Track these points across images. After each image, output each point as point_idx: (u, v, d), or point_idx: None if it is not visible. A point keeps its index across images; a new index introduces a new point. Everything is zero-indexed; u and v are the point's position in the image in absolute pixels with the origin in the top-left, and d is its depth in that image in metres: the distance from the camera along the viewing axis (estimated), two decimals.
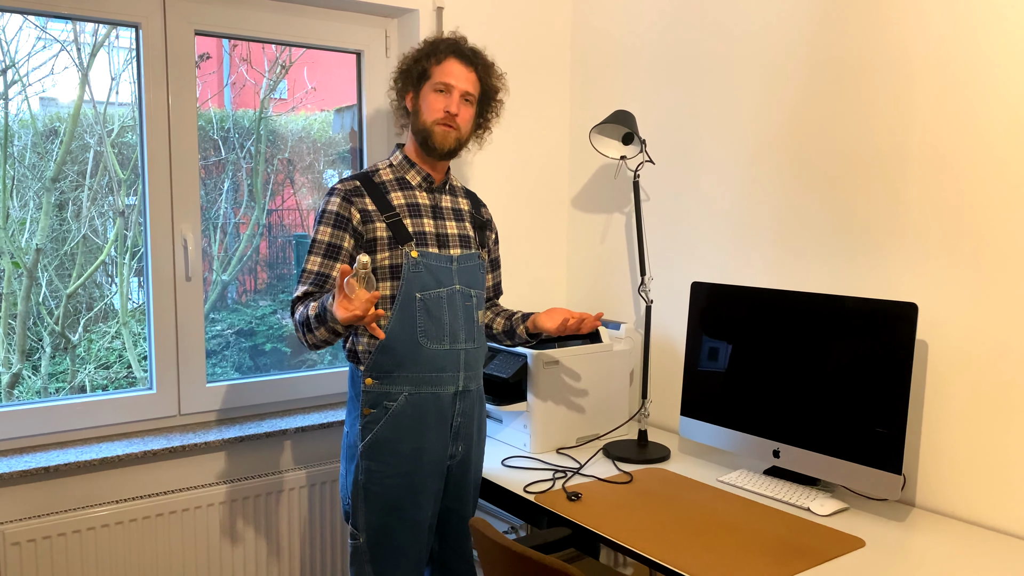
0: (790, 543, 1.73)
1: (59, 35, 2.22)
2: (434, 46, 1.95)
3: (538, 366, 2.31)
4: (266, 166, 2.63)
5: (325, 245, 1.87)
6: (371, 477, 1.87)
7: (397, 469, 1.87)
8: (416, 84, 1.95)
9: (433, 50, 1.94)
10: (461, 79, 1.92)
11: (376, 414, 1.87)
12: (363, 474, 1.87)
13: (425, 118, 1.92)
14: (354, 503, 1.89)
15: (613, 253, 2.80)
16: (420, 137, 1.93)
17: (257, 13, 2.41)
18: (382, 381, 1.87)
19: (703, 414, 2.25)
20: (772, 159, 2.28)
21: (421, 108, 1.93)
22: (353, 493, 1.89)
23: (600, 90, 2.80)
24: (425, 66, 1.93)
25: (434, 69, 1.92)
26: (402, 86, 1.98)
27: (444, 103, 1.91)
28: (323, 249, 1.87)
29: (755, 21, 2.29)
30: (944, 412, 1.94)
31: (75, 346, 2.40)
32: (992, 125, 1.82)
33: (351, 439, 1.91)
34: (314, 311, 1.76)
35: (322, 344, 1.80)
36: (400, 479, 1.87)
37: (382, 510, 1.87)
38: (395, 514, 1.88)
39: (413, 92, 1.96)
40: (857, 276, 2.10)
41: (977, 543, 1.77)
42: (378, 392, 1.87)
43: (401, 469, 1.87)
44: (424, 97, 1.93)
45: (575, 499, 1.98)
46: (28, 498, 2.08)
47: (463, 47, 1.96)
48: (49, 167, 2.28)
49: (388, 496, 1.87)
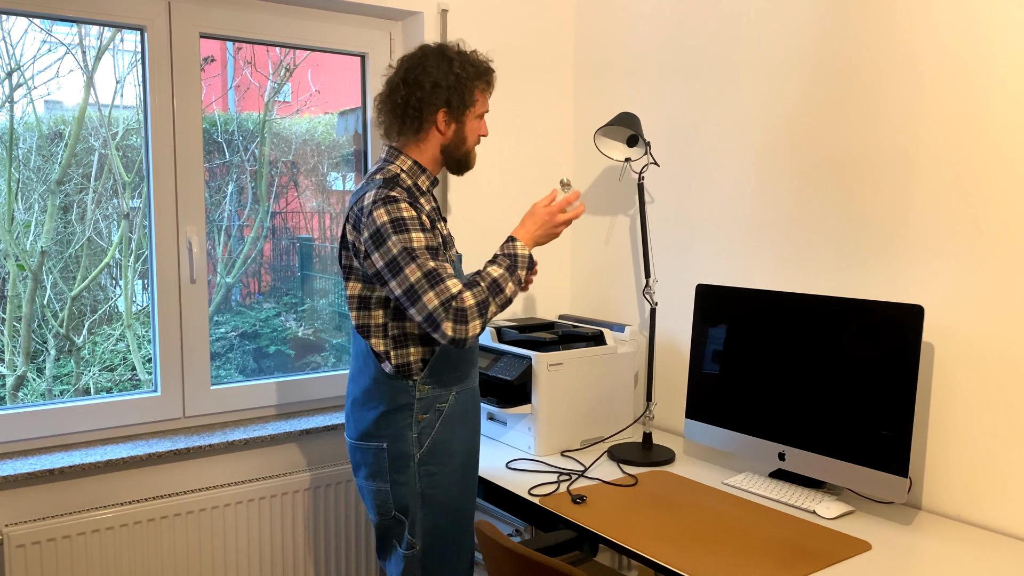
0: (796, 546, 1.73)
1: (64, 38, 2.23)
2: (484, 72, 1.92)
3: (542, 368, 2.31)
4: (270, 169, 2.63)
5: (426, 249, 1.74)
6: (431, 481, 1.87)
7: (453, 468, 1.89)
8: (458, 105, 1.88)
9: (482, 76, 1.91)
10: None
11: (430, 418, 1.87)
12: (422, 480, 1.86)
13: (470, 144, 1.94)
14: (412, 512, 1.87)
15: (617, 255, 2.80)
16: (455, 156, 1.93)
17: (261, 16, 2.41)
18: (434, 387, 1.87)
19: (708, 417, 2.25)
20: (778, 161, 2.27)
21: (464, 133, 1.91)
22: (411, 503, 1.87)
23: (604, 92, 2.80)
24: (472, 90, 1.89)
25: (480, 95, 1.92)
26: (431, 98, 1.86)
27: (482, 128, 1.96)
28: (428, 253, 1.74)
29: (761, 23, 2.29)
30: (950, 415, 1.93)
31: (79, 348, 2.40)
32: (999, 127, 1.81)
33: (397, 451, 1.86)
34: (495, 273, 1.78)
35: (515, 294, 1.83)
36: (457, 477, 1.90)
37: (442, 512, 1.88)
38: (454, 514, 1.90)
39: (450, 112, 1.88)
40: (863, 278, 2.09)
41: (984, 546, 1.76)
42: (430, 397, 1.87)
43: (456, 467, 1.90)
44: (469, 122, 1.91)
45: (580, 502, 1.98)
46: (33, 500, 2.09)
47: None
48: (54, 170, 2.28)
49: (448, 497, 1.89)
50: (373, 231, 1.74)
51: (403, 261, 1.71)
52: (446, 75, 1.86)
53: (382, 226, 1.73)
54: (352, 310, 1.87)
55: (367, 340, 1.86)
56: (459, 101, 1.87)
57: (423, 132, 1.88)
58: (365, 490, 1.93)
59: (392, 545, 1.93)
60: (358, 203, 1.80)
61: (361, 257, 1.79)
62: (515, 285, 1.82)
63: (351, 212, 1.82)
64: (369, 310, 1.84)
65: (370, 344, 1.85)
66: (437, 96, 1.85)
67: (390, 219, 1.73)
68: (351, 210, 1.82)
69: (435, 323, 1.71)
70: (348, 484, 2.49)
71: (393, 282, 1.73)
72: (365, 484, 1.92)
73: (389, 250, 1.72)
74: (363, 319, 1.85)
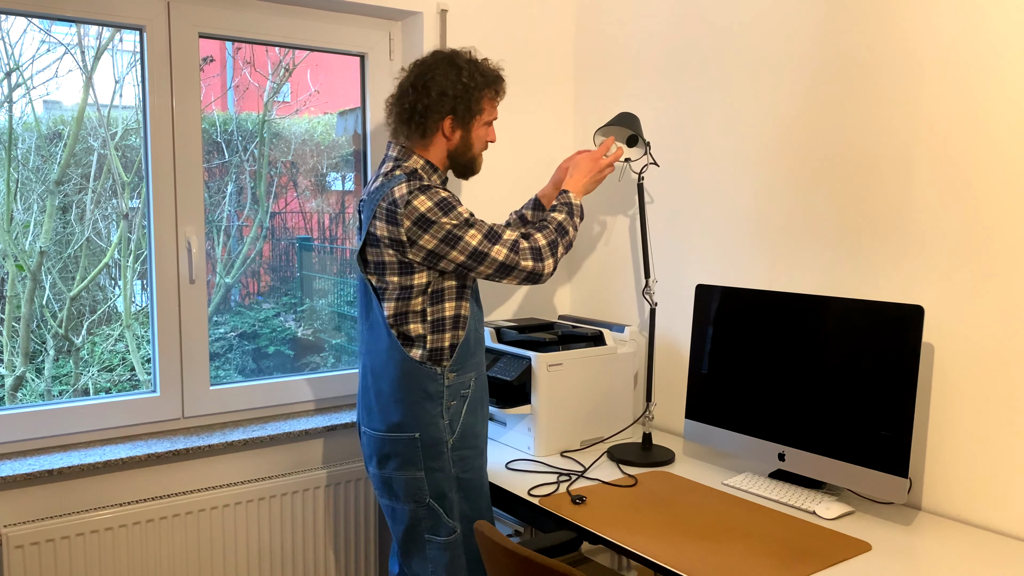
0: (795, 547, 1.73)
1: (63, 38, 2.23)
2: (493, 81, 1.98)
3: (542, 369, 2.31)
4: (269, 169, 2.63)
5: (472, 215, 1.89)
6: (464, 465, 1.97)
7: (480, 450, 2.01)
8: (464, 113, 1.94)
9: (493, 85, 1.98)
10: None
11: (457, 405, 1.96)
12: (456, 465, 1.95)
13: (476, 150, 2.01)
14: (449, 498, 1.94)
15: (617, 255, 2.79)
16: (461, 162, 2.00)
17: (261, 16, 2.41)
18: (459, 373, 1.96)
19: (708, 417, 2.25)
20: (778, 161, 2.27)
21: (470, 139, 1.98)
22: (447, 488, 1.94)
23: (604, 92, 2.80)
24: (480, 99, 1.96)
25: (487, 104, 1.99)
26: (436, 106, 1.92)
27: (490, 135, 2.03)
28: (475, 217, 1.90)
29: (762, 24, 2.29)
30: (951, 415, 1.93)
31: (78, 349, 2.40)
32: (1000, 127, 1.81)
33: (431, 439, 1.92)
34: (559, 218, 1.99)
35: (575, 239, 2.05)
36: (484, 459, 2.04)
37: (476, 494, 1.99)
38: (484, 496, 2.02)
39: (456, 119, 1.94)
40: (863, 278, 2.09)
41: (984, 547, 1.76)
42: (456, 384, 1.95)
43: (481, 449, 2.02)
44: (475, 130, 1.99)
45: (579, 502, 1.98)
46: (32, 501, 2.08)
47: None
48: (53, 170, 2.28)
49: (479, 478, 2.01)
50: (417, 217, 1.83)
51: (460, 231, 1.85)
52: (453, 84, 1.93)
53: (427, 211, 1.84)
54: (387, 301, 1.91)
55: (403, 328, 1.91)
56: (465, 109, 1.95)
57: (428, 137, 1.96)
58: (396, 482, 1.95)
59: (422, 540, 1.96)
60: (385, 198, 1.86)
61: (405, 247, 1.86)
62: (574, 230, 2.03)
63: (379, 208, 1.87)
64: (409, 299, 1.90)
65: (407, 331, 1.91)
66: (443, 104, 1.93)
67: (433, 202, 1.84)
68: (377, 206, 1.88)
69: (509, 268, 1.90)
70: (348, 484, 2.49)
71: (454, 252, 1.86)
72: (396, 475, 1.95)
73: (442, 227, 1.84)
74: (402, 308, 1.91)
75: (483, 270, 1.90)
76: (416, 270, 1.89)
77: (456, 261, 1.88)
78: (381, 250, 1.89)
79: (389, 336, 1.92)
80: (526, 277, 1.93)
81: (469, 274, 1.92)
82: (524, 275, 1.92)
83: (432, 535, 1.95)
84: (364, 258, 1.94)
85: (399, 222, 1.84)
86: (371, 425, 1.99)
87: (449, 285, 1.93)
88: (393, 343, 1.92)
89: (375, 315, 1.95)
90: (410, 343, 1.92)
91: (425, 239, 1.84)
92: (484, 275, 1.92)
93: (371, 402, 1.98)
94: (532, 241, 1.94)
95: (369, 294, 1.96)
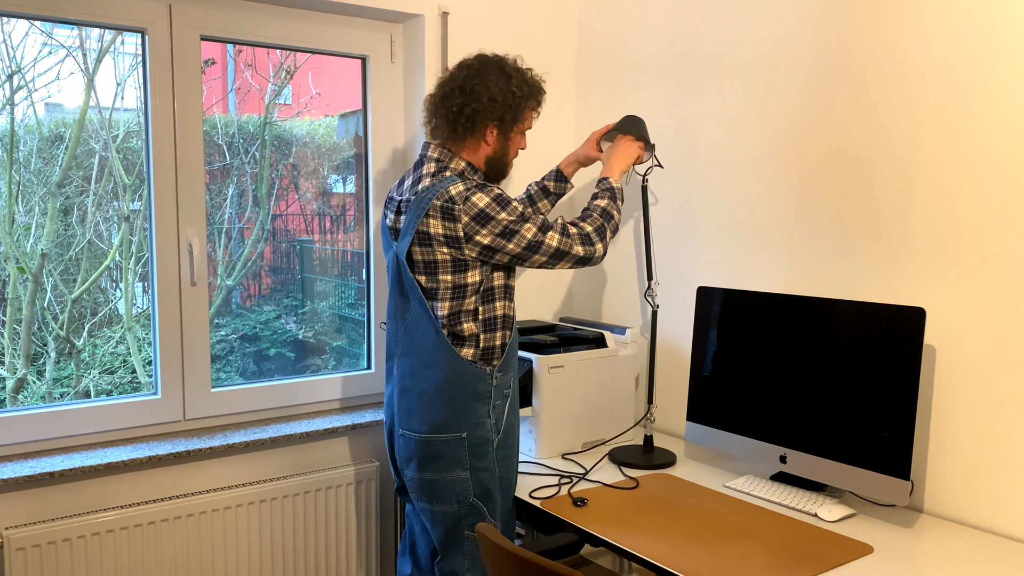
0: (797, 549, 1.72)
1: (65, 40, 2.23)
2: (537, 92, 2.05)
3: (543, 371, 2.31)
4: (271, 171, 2.63)
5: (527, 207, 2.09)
6: (507, 464, 2.01)
7: (516, 449, 2.05)
8: (509, 121, 2.00)
9: (535, 96, 2.05)
10: None
11: (501, 404, 1.99)
12: (500, 464, 1.99)
13: (510, 157, 2.07)
14: (493, 497, 1.97)
15: (620, 257, 2.79)
16: (496, 167, 2.06)
17: (262, 18, 2.41)
18: (504, 372, 2.00)
19: (709, 419, 2.25)
20: (781, 164, 2.27)
21: (507, 146, 2.04)
22: (492, 487, 1.97)
23: (606, 95, 2.80)
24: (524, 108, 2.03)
25: (528, 114, 2.05)
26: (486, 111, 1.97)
27: (523, 143, 2.09)
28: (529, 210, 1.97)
29: (764, 26, 2.29)
30: (952, 417, 1.93)
31: (80, 351, 2.40)
32: (1000, 130, 1.81)
33: (478, 439, 1.95)
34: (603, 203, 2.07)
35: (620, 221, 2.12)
36: (518, 458, 2.10)
37: (510, 492, 2.04)
38: (512, 492, 2.06)
39: (501, 126, 2.00)
40: (865, 281, 2.09)
41: (986, 549, 1.76)
42: (501, 384, 1.99)
43: (517, 448, 2.06)
44: (513, 138, 2.05)
45: (581, 505, 1.97)
46: (33, 503, 2.08)
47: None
48: (55, 172, 2.28)
49: (515, 477, 2.05)
50: (475, 213, 1.89)
51: (516, 225, 1.91)
52: (503, 92, 1.98)
53: (486, 206, 1.89)
54: (440, 301, 1.93)
55: (456, 327, 1.93)
56: (512, 118, 2.01)
57: (471, 140, 2.00)
58: (440, 483, 1.95)
59: (461, 536, 1.97)
60: (440, 196, 1.89)
61: (461, 242, 1.90)
62: (619, 213, 2.11)
63: (432, 207, 1.89)
64: (463, 298, 1.93)
65: (459, 331, 1.93)
66: (492, 111, 1.97)
67: (491, 199, 1.90)
68: (430, 205, 1.89)
69: (563, 253, 1.97)
70: (350, 487, 2.49)
71: (511, 244, 1.92)
72: (440, 477, 1.95)
73: (500, 222, 1.90)
74: (455, 307, 1.93)
75: (538, 258, 1.96)
76: (470, 267, 1.92)
77: (512, 253, 1.93)
78: (434, 248, 1.91)
79: (438, 336, 1.93)
80: (578, 260, 2.00)
81: (523, 264, 1.97)
82: (575, 259, 2.00)
83: (472, 532, 1.97)
84: (411, 259, 1.94)
85: (457, 218, 1.88)
86: (411, 427, 1.97)
87: (499, 284, 1.98)
88: (442, 343, 1.92)
89: (415, 316, 1.96)
90: (461, 342, 1.94)
91: (482, 234, 1.89)
92: (539, 263, 1.97)
93: (411, 404, 1.97)
94: (580, 228, 2.01)
95: (407, 295, 1.97)
